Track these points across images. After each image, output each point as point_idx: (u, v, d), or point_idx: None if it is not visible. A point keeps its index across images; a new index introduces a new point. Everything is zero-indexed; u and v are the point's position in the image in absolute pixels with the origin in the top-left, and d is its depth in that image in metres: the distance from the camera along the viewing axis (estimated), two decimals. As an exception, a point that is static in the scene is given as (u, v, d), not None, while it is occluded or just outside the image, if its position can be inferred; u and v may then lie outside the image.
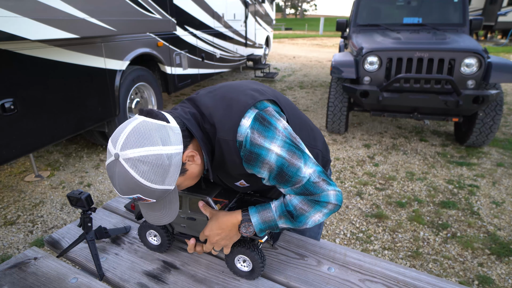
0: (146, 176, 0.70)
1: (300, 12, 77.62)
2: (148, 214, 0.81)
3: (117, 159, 0.69)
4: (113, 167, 0.70)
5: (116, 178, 0.70)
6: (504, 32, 15.64)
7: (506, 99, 5.90)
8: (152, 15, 3.21)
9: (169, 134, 0.73)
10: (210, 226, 0.88)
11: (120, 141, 0.70)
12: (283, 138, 0.78)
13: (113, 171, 0.70)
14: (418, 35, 3.80)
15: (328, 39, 22.47)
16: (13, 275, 0.95)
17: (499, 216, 2.49)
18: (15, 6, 1.87)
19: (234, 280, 0.94)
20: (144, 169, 0.69)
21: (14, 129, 2.23)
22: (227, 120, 0.78)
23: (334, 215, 2.54)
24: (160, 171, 0.71)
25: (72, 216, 2.53)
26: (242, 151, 0.78)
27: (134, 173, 0.69)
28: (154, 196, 0.74)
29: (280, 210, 0.84)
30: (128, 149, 0.69)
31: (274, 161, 0.77)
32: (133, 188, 0.70)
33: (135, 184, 0.70)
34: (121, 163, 0.69)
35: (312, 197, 0.80)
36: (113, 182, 0.72)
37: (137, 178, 0.69)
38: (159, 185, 0.72)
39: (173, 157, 0.73)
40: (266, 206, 0.86)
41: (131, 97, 3.61)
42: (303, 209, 0.81)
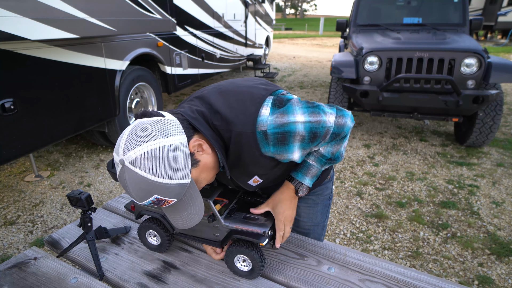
0: (156, 172, 0.67)
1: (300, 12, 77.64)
2: (176, 219, 0.78)
3: (124, 165, 0.68)
4: (123, 175, 0.69)
5: (129, 185, 0.69)
6: (504, 32, 15.64)
7: (506, 99, 5.90)
8: (152, 15, 3.21)
9: (167, 126, 0.72)
10: (282, 213, 0.91)
11: (121, 147, 0.69)
12: (299, 105, 0.81)
13: (124, 179, 0.69)
14: (418, 35, 3.80)
15: (328, 39, 22.48)
16: (13, 275, 0.95)
17: (499, 216, 2.49)
18: (15, 6, 1.87)
19: (234, 280, 0.94)
20: (151, 166, 0.67)
21: (14, 129, 2.23)
22: (244, 113, 0.78)
23: (334, 215, 2.54)
24: (169, 164, 0.69)
25: (72, 216, 2.53)
26: (268, 140, 0.78)
27: (143, 172, 0.67)
28: (172, 193, 0.71)
29: (320, 162, 0.92)
30: (129, 150, 0.67)
31: (303, 129, 0.79)
32: (147, 189, 0.68)
33: (147, 184, 0.68)
34: (128, 167, 0.67)
35: (339, 137, 0.87)
36: (128, 191, 0.70)
37: (147, 177, 0.67)
38: (173, 180, 0.70)
39: (178, 147, 0.71)
40: (307, 164, 0.92)
41: (131, 97, 3.61)
42: (336, 149, 0.90)
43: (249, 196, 1.05)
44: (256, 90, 0.83)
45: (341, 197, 2.79)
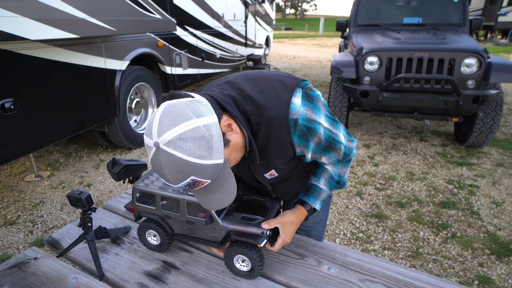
0: (192, 153, 0.67)
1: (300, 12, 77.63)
2: (208, 201, 0.78)
3: (158, 148, 0.66)
4: (157, 158, 0.67)
5: (165, 168, 0.67)
6: (504, 32, 15.64)
7: (506, 99, 5.90)
8: (152, 15, 3.21)
9: (199, 107, 0.71)
10: (286, 234, 0.93)
11: (155, 130, 0.67)
12: (325, 112, 0.86)
13: (159, 162, 0.67)
14: (418, 35, 3.80)
15: (328, 39, 22.47)
16: (13, 275, 0.95)
17: (499, 216, 2.49)
18: (15, 6, 1.87)
19: (234, 280, 0.94)
20: (188, 147, 0.66)
21: (14, 129, 2.23)
22: (277, 99, 0.80)
23: (334, 215, 2.54)
24: (204, 144, 0.68)
25: (72, 216, 2.53)
26: (297, 129, 0.80)
27: (180, 154, 0.66)
28: (208, 174, 0.70)
29: (329, 185, 0.98)
30: (164, 132, 0.66)
31: (323, 134, 0.84)
32: (184, 170, 0.67)
33: (184, 165, 0.67)
34: (164, 149, 0.66)
35: (346, 159, 0.95)
36: (162, 175, 0.69)
37: (185, 158, 0.66)
38: (208, 160, 0.69)
39: (211, 127, 0.70)
40: (317, 188, 0.98)
41: (131, 97, 3.61)
42: (343, 172, 0.99)
43: (247, 195, 1.05)
44: (286, 79, 0.84)
45: (341, 197, 2.79)
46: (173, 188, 0.95)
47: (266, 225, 0.90)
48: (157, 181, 0.99)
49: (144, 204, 1.00)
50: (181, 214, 0.94)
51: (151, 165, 0.70)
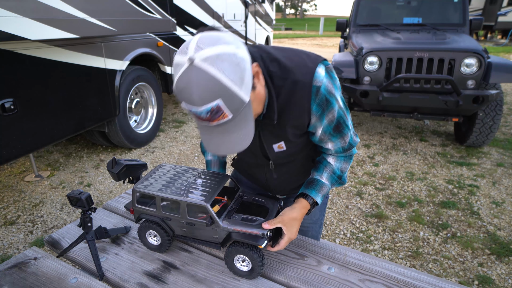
0: (228, 74, 0.64)
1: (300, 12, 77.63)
2: (221, 142, 0.74)
3: (192, 64, 0.63)
4: (188, 75, 0.64)
5: (194, 85, 0.64)
6: (504, 32, 15.64)
7: (506, 99, 5.90)
8: (152, 15, 3.21)
9: (238, 41, 0.69)
10: (291, 231, 0.92)
11: (192, 46, 0.65)
12: (340, 94, 0.88)
13: (188, 79, 0.64)
14: (418, 35, 3.80)
15: (328, 39, 22.47)
16: (13, 275, 0.95)
17: (499, 216, 2.49)
18: (15, 6, 1.87)
19: (234, 280, 0.94)
20: (224, 66, 0.63)
21: (14, 129, 2.23)
22: (303, 65, 0.81)
23: (334, 215, 2.54)
24: (238, 71, 0.65)
25: (72, 216, 2.53)
26: (318, 97, 0.82)
27: (216, 71, 0.63)
28: (233, 105, 0.68)
29: (331, 180, 0.99)
30: (203, 49, 0.64)
31: (336, 112, 0.87)
32: (214, 90, 0.64)
33: (217, 85, 0.64)
34: (198, 65, 0.63)
35: (348, 153, 0.97)
36: (189, 93, 0.65)
37: (218, 77, 0.63)
38: (238, 88, 0.66)
39: (246, 62, 0.68)
40: (319, 182, 0.98)
41: (131, 97, 3.61)
42: (345, 168, 1.00)
43: (247, 196, 1.05)
44: (311, 53, 0.87)
45: (341, 197, 2.79)
46: (172, 190, 0.95)
47: (267, 225, 0.89)
48: (156, 182, 0.99)
49: (144, 206, 0.99)
50: (182, 215, 0.94)
51: (177, 86, 0.66)
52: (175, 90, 0.67)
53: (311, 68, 0.81)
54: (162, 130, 4.44)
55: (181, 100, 0.67)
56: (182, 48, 0.67)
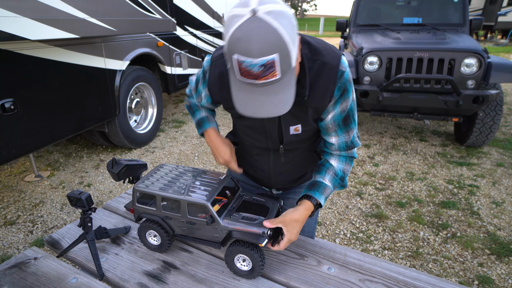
0: (287, 30, 0.65)
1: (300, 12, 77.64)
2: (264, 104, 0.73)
3: (255, 15, 0.63)
4: (250, 25, 0.63)
5: (255, 36, 0.63)
6: (504, 32, 15.64)
7: (506, 99, 5.90)
8: (152, 15, 3.21)
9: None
10: (291, 232, 0.91)
11: (254, 0, 0.66)
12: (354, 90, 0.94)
13: (249, 29, 0.63)
14: (418, 35, 3.80)
15: (328, 39, 22.46)
16: (13, 275, 0.95)
17: (499, 216, 2.49)
18: (15, 6, 1.87)
19: (234, 280, 0.94)
20: (285, 23, 0.64)
21: (14, 129, 2.23)
22: (331, 50, 0.87)
23: (334, 215, 2.54)
24: (294, 33, 0.67)
25: (72, 216, 2.53)
26: (341, 81, 0.87)
27: (279, 25, 0.63)
28: (284, 64, 0.68)
29: (333, 182, 1.00)
30: (266, 3, 0.65)
31: (350, 103, 0.91)
32: (274, 44, 0.64)
33: (277, 38, 0.64)
34: (262, 17, 0.63)
35: (350, 153, 1.01)
36: (247, 42, 0.64)
37: (280, 31, 0.64)
38: (292, 49, 0.67)
39: (297, 28, 0.70)
40: (322, 184, 0.98)
41: (131, 97, 3.61)
42: (347, 170, 1.02)
43: (248, 196, 1.05)
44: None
45: (341, 197, 2.79)
46: (173, 189, 0.95)
47: (268, 224, 0.89)
48: (157, 182, 0.99)
49: (144, 205, 1.00)
50: (182, 214, 0.94)
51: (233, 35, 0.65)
52: (230, 40, 0.66)
53: (338, 54, 0.87)
54: (162, 130, 4.44)
55: (233, 52, 0.66)
56: (242, 2, 0.67)
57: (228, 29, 0.66)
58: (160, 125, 4.22)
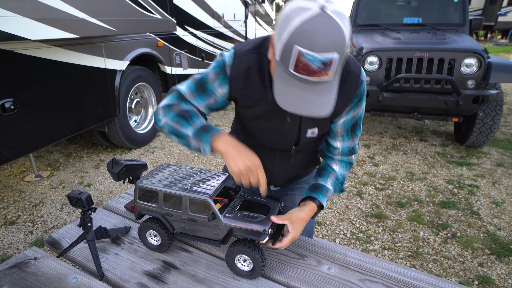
0: (349, 33, 0.66)
1: (300, 12, 77.64)
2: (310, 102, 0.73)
3: (325, 11, 0.64)
4: (318, 20, 0.64)
5: (322, 31, 0.64)
6: (504, 32, 15.64)
7: (506, 99, 5.90)
8: (152, 15, 3.21)
9: None
10: (296, 230, 0.92)
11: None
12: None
13: (317, 23, 0.63)
14: (418, 35, 3.80)
15: (328, 39, 22.47)
16: (13, 275, 0.95)
17: (499, 216, 2.49)
18: (15, 6, 1.87)
19: (234, 280, 0.94)
20: (348, 26, 0.66)
21: (14, 129, 2.23)
22: (353, 60, 0.90)
23: (334, 215, 2.54)
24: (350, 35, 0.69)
25: (72, 216, 2.53)
26: (359, 90, 0.91)
27: (343, 26, 0.64)
28: (339, 66, 0.70)
29: (334, 186, 1.04)
30: (333, 3, 0.66)
31: (361, 111, 0.96)
32: (338, 43, 0.65)
33: (341, 39, 0.65)
34: (330, 14, 0.64)
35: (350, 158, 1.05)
36: (313, 36, 0.64)
37: (345, 32, 0.65)
38: (347, 52, 0.70)
39: None
40: (325, 187, 1.02)
41: (131, 97, 3.61)
42: (346, 175, 1.06)
43: (249, 196, 1.05)
44: None
45: (341, 197, 2.79)
46: (175, 186, 0.95)
47: (275, 219, 0.90)
48: (159, 179, 1.00)
49: (146, 202, 1.00)
50: (183, 211, 0.94)
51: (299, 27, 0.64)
52: (295, 31, 0.65)
53: (359, 64, 0.92)
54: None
55: (295, 43, 0.65)
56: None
57: (291, 20, 0.66)
58: (160, 125, 4.21)
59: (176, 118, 0.90)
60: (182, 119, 0.90)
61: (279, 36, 0.69)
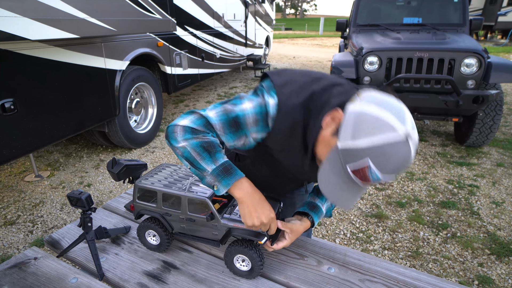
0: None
1: (300, 12, 77.64)
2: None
3: (408, 140, 0.64)
4: (401, 148, 0.64)
5: (399, 161, 0.65)
6: (504, 32, 15.64)
7: (506, 99, 5.90)
8: (152, 15, 3.21)
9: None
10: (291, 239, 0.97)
11: (409, 121, 0.66)
12: None
13: (398, 152, 0.64)
14: (418, 35, 3.80)
15: (328, 39, 22.47)
16: (13, 275, 0.95)
17: (499, 216, 2.49)
18: (15, 6, 1.87)
19: (234, 280, 0.94)
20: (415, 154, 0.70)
21: (14, 129, 2.23)
22: None
23: (334, 215, 2.54)
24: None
25: (72, 216, 2.53)
26: None
27: (413, 157, 0.67)
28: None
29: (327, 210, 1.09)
30: (415, 129, 0.66)
31: None
32: (401, 170, 0.67)
33: (406, 168, 0.67)
34: (410, 145, 0.65)
35: None
36: (390, 162, 0.65)
37: (411, 161, 0.68)
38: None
39: None
40: (321, 210, 1.06)
41: (131, 97, 3.61)
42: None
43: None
44: None
45: (341, 197, 2.79)
46: (174, 186, 0.95)
47: (280, 225, 0.93)
48: (158, 179, 1.00)
49: (145, 202, 1.00)
50: (182, 211, 0.94)
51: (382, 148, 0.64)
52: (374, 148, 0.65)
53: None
54: (162, 130, 4.44)
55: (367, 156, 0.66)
56: (398, 113, 0.67)
57: (376, 132, 0.64)
58: (160, 125, 4.22)
59: (199, 149, 0.80)
60: (205, 152, 0.80)
61: (354, 133, 0.67)
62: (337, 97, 0.78)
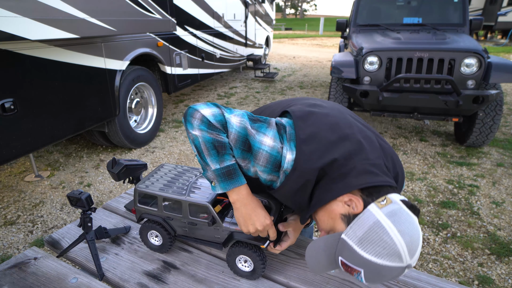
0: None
1: (300, 12, 77.63)
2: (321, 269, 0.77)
3: (405, 268, 0.67)
4: (396, 272, 0.67)
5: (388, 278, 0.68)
6: (504, 32, 15.64)
7: (506, 99, 5.90)
8: (152, 15, 3.21)
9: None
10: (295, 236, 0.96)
11: (418, 254, 0.68)
12: None
13: (391, 274, 0.67)
14: (418, 35, 3.80)
15: (328, 39, 22.47)
16: (13, 275, 0.95)
17: (499, 216, 2.49)
18: (15, 6, 1.87)
19: (234, 280, 0.94)
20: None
21: (14, 129, 2.23)
22: None
23: (334, 215, 2.54)
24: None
25: (72, 216, 2.53)
26: None
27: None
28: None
29: None
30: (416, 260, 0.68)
31: None
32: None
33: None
34: (405, 272, 0.70)
35: None
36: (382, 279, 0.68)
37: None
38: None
39: None
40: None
41: (131, 97, 3.61)
42: None
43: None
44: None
45: (341, 197, 2.79)
46: (174, 190, 0.95)
47: (281, 227, 0.93)
48: (158, 182, 0.99)
49: (146, 206, 1.00)
50: (183, 215, 0.94)
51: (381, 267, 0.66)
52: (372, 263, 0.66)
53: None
54: (162, 130, 4.44)
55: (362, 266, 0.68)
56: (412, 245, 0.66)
57: (381, 256, 0.65)
58: (160, 125, 4.22)
59: (209, 145, 0.79)
60: (214, 150, 0.80)
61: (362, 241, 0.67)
62: (360, 174, 0.73)
